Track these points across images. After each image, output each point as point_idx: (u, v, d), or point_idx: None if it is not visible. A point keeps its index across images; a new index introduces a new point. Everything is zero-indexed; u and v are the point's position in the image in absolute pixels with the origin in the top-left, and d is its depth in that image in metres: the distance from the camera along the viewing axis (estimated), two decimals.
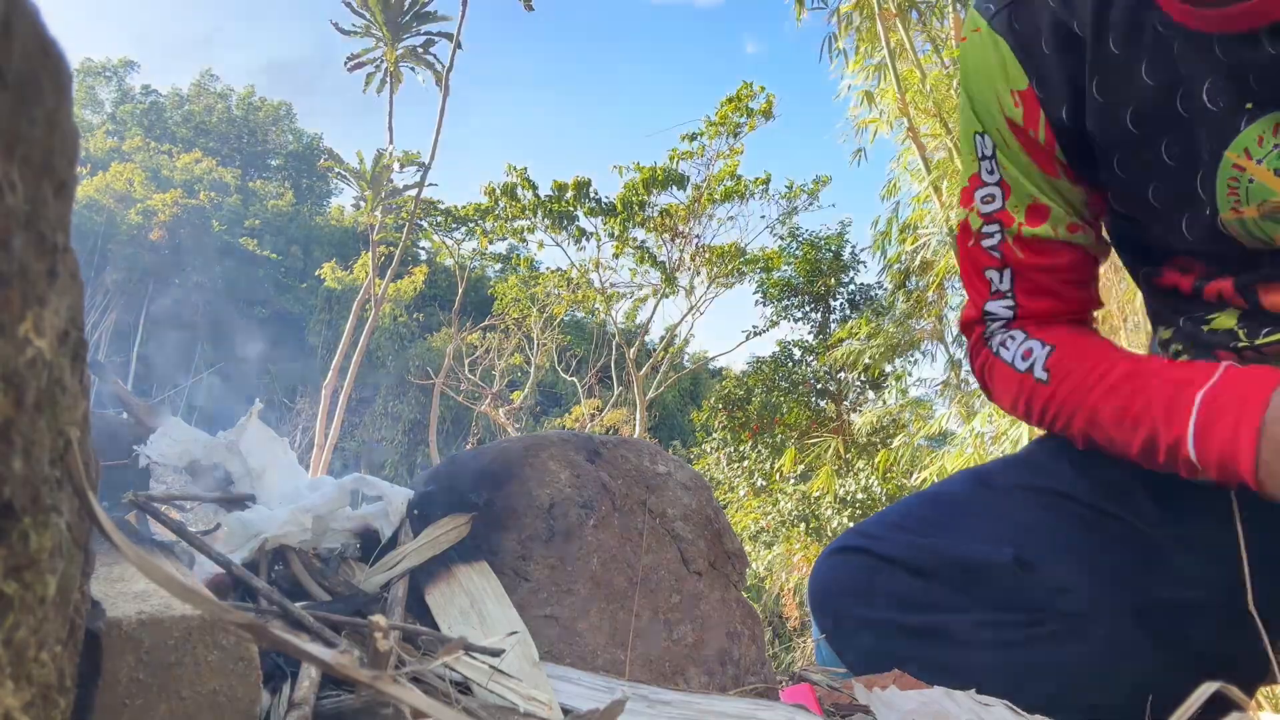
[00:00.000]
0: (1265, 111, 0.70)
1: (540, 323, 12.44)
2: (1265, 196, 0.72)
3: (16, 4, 0.24)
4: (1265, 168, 0.71)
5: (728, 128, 10.31)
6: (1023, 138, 0.86)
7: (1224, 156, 0.73)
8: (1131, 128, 0.78)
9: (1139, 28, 0.76)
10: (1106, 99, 0.79)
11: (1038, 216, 0.88)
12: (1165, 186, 0.78)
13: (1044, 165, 0.86)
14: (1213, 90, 0.72)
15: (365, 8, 5.24)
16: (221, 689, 0.38)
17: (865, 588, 0.94)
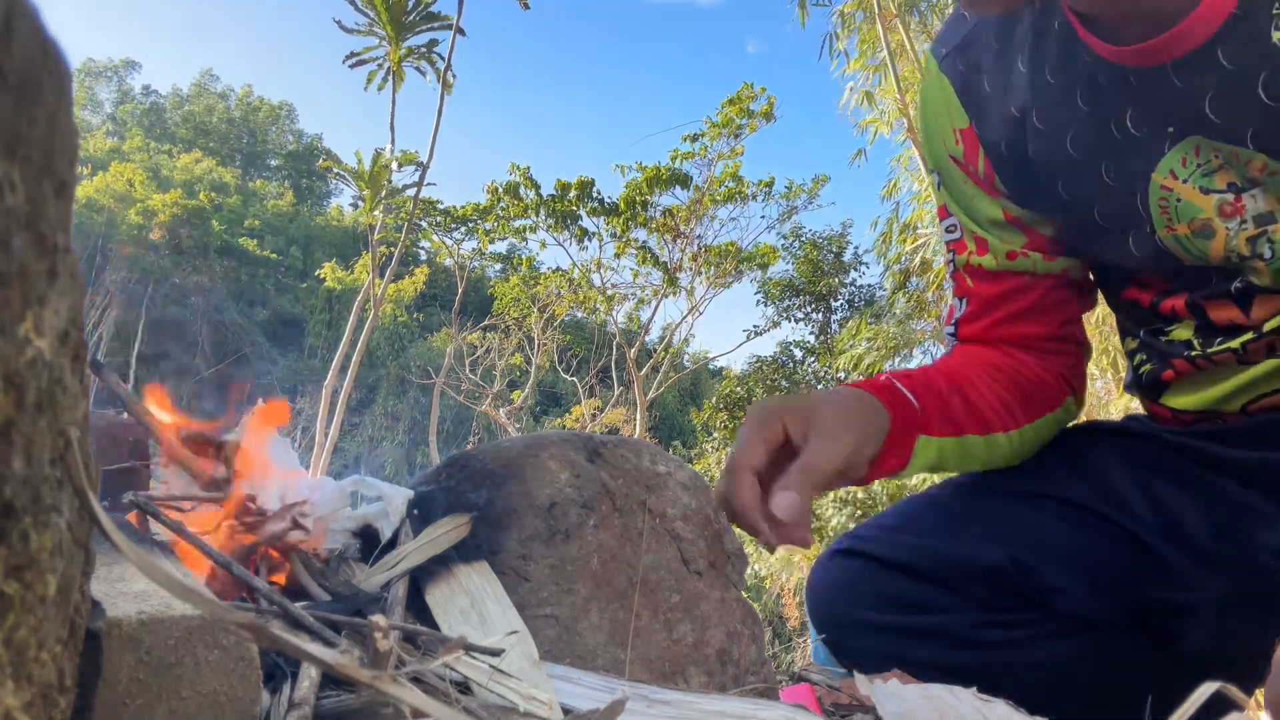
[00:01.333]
0: (1185, 135, 0.74)
1: (540, 323, 12.44)
2: (1193, 215, 0.76)
3: (16, 4, 0.24)
4: (1191, 186, 0.75)
5: (729, 129, 10.31)
6: (967, 172, 0.92)
7: (1151, 179, 0.77)
8: (1072, 151, 0.82)
9: (1072, 57, 0.79)
10: (1046, 126, 0.83)
11: (982, 247, 0.94)
12: (1108, 205, 0.81)
13: (988, 191, 0.91)
14: (1135, 118, 0.77)
15: (369, 6, 5.23)
16: (221, 689, 0.38)
17: (863, 590, 0.94)
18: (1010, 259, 0.92)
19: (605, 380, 14.13)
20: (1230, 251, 0.75)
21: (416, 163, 6.16)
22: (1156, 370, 0.90)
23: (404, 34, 5.35)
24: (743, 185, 10.66)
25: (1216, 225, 0.75)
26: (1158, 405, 0.93)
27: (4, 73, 0.23)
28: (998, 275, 0.94)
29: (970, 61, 0.88)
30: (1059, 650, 0.88)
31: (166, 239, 26.51)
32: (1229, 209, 0.74)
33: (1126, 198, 0.80)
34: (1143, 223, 0.80)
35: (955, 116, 0.90)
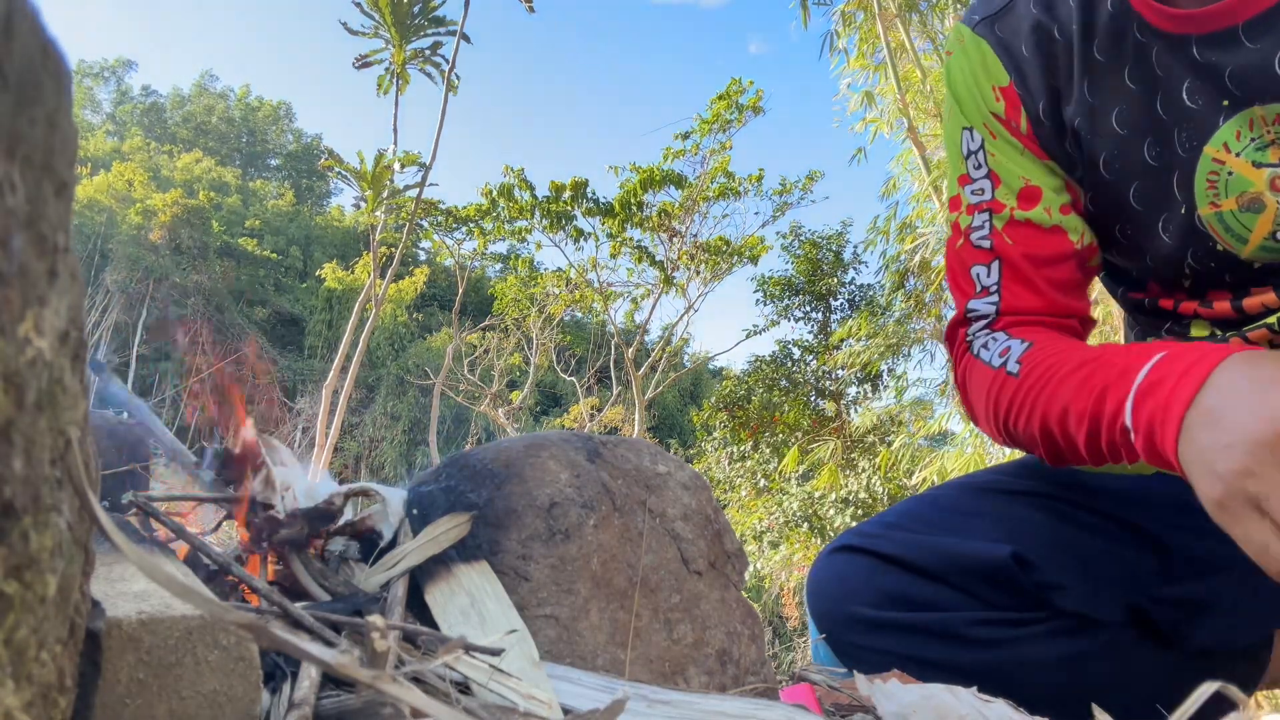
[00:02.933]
0: (1241, 108, 0.73)
1: (539, 323, 12.44)
2: (1243, 188, 0.75)
3: (16, 4, 0.24)
4: (1244, 160, 0.74)
5: (719, 125, 10.30)
6: (1009, 127, 0.89)
7: (1203, 152, 0.76)
8: (1118, 128, 0.81)
9: (1121, 34, 0.79)
10: (1096, 100, 0.82)
11: (1030, 199, 0.88)
12: (1145, 186, 0.80)
13: (1035, 150, 0.88)
14: (1191, 90, 0.76)
15: (375, 9, 5.22)
16: (221, 689, 0.38)
17: (864, 587, 0.94)
18: (1064, 213, 0.87)
19: (604, 380, 14.12)
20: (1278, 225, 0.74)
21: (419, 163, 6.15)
22: None
23: (408, 37, 5.35)
24: (734, 181, 10.65)
25: (1268, 199, 0.74)
26: None
27: (4, 73, 0.23)
28: (1047, 232, 0.87)
29: (1009, 28, 0.87)
30: (1061, 648, 0.88)
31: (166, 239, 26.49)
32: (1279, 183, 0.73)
33: (1165, 178, 0.79)
34: (1178, 205, 0.78)
35: (995, 74, 0.88)
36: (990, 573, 0.88)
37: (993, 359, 0.87)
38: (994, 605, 0.89)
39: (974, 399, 0.91)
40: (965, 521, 0.93)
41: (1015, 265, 0.88)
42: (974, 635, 0.88)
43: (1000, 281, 0.89)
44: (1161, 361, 0.67)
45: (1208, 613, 0.84)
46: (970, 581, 0.90)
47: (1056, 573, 0.87)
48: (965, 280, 0.93)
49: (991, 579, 0.89)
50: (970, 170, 0.91)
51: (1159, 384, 0.66)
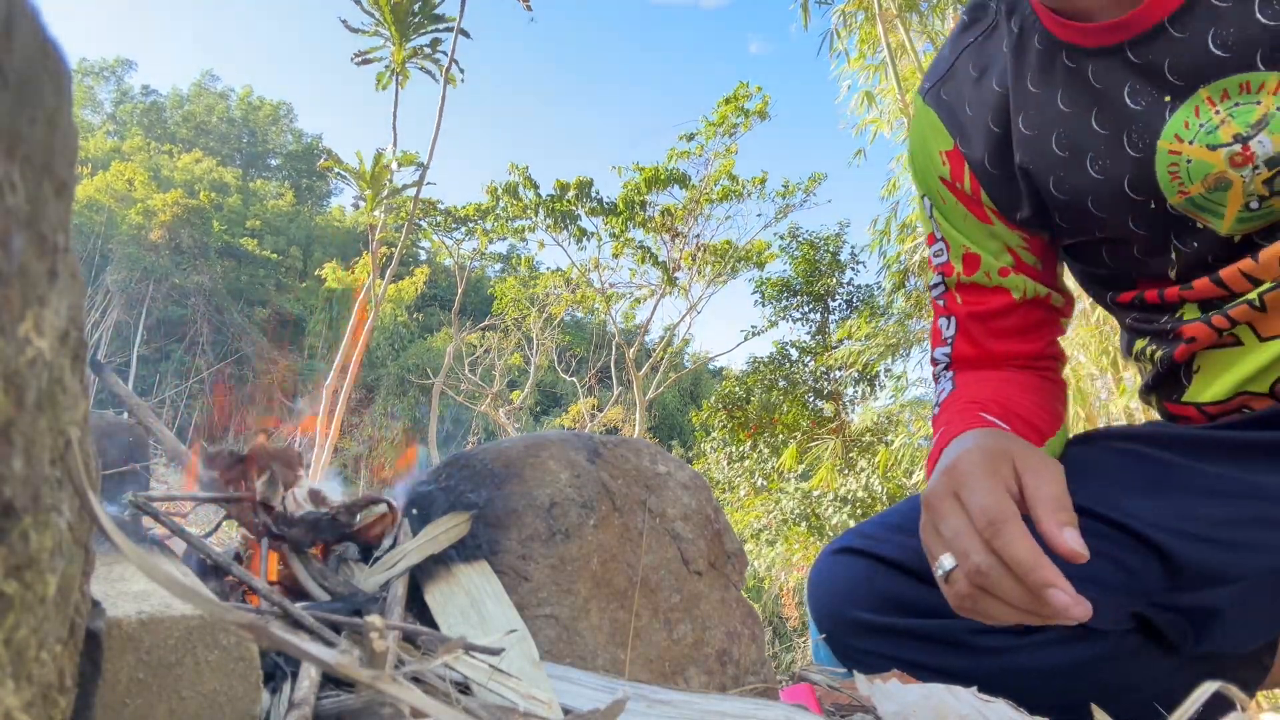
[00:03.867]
0: (1184, 97, 0.78)
1: (540, 323, 12.43)
2: (1206, 171, 0.79)
3: (16, 4, 0.24)
4: (1198, 146, 0.79)
5: (724, 128, 10.30)
6: (955, 191, 0.98)
7: (1158, 147, 0.81)
8: (1059, 151, 0.88)
9: (1050, 64, 0.86)
10: (1030, 131, 0.89)
11: (971, 265, 0.99)
12: (1100, 196, 0.86)
13: (977, 213, 0.98)
14: (1133, 92, 0.81)
15: (375, 6, 5.22)
16: (221, 689, 0.38)
17: (864, 590, 0.94)
18: (1002, 275, 0.98)
19: (605, 380, 14.12)
20: (1249, 196, 0.78)
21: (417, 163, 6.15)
22: (1169, 351, 0.91)
23: (408, 34, 5.35)
24: (738, 184, 10.66)
25: (1231, 176, 0.78)
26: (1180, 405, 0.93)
27: (4, 73, 0.23)
28: (989, 291, 0.99)
29: (952, 92, 0.97)
30: (1063, 656, 0.87)
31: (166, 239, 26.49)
32: (1239, 159, 0.77)
33: (1118, 183, 0.84)
34: (1142, 202, 0.84)
35: (941, 141, 0.98)
36: None
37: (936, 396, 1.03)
38: None
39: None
40: None
41: (963, 322, 1.02)
42: (975, 643, 0.88)
43: (954, 336, 1.03)
44: (938, 439, 0.88)
45: (1212, 620, 0.83)
46: None
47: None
48: (936, 328, 1.07)
49: None
50: (934, 231, 1.03)
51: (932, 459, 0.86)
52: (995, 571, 0.66)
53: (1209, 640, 0.84)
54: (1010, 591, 0.65)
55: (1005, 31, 0.91)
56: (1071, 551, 0.63)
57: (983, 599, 0.68)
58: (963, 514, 0.69)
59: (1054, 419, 0.96)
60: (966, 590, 0.69)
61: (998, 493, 0.68)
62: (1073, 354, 5.47)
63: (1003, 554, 0.65)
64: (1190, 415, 0.92)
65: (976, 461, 0.71)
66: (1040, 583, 0.63)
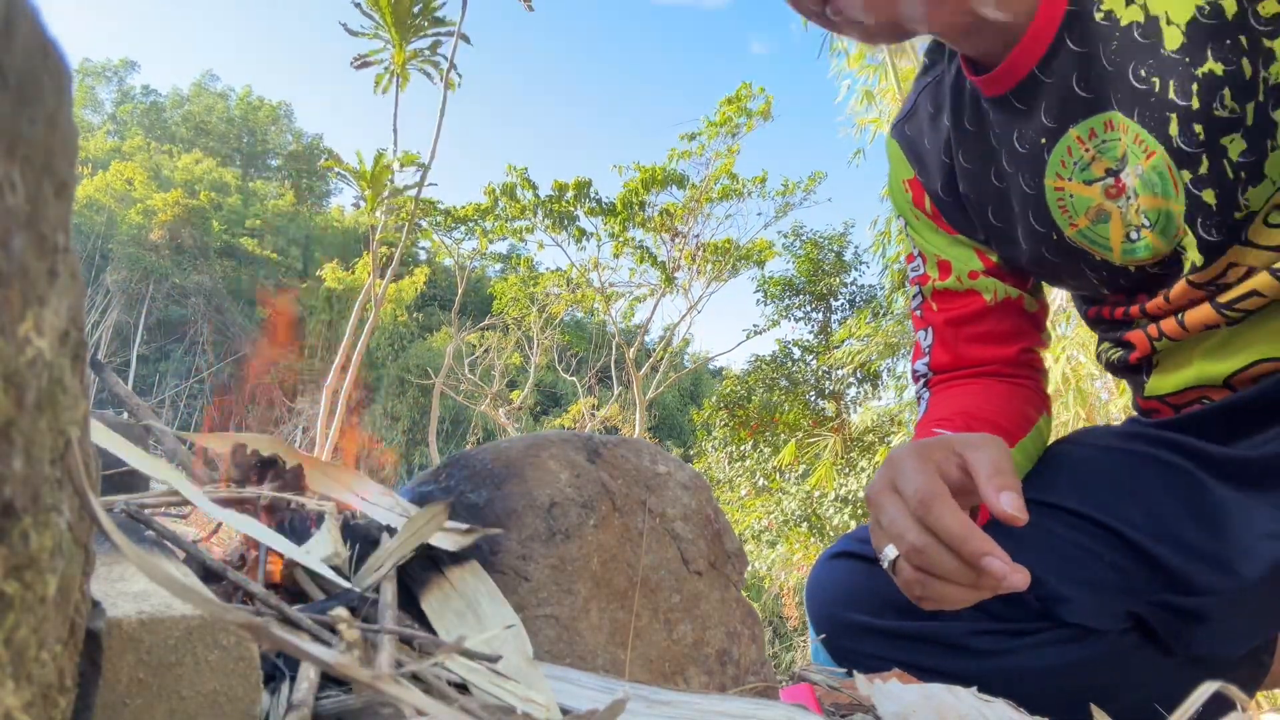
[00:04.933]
0: (1057, 138, 0.85)
1: (539, 322, 12.43)
2: (1087, 205, 0.86)
3: (16, 4, 0.24)
4: (1076, 182, 0.85)
5: (727, 128, 10.29)
6: (920, 211, 1.06)
7: (1045, 185, 0.88)
8: (995, 183, 0.94)
9: (977, 106, 0.93)
10: (971, 165, 0.96)
11: (944, 271, 1.05)
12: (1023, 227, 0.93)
13: (943, 227, 1.05)
14: (1020, 137, 0.88)
15: (375, 9, 5.23)
16: (221, 689, 0.38)
17: (863, 594, 0.94)
18: (972, 278, 1.03)
19: (605, 380, 14.12)
20: (1128, 227, 0.84)
21: (418, 163, 6.15)
22: (1124, 354, 0.97)
23: (408, 37, 5.35)
24: (738, 182, 10.65)
25: (1109, 207, 0.84)
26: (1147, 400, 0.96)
27: (4, 73, 0.23)
28: (961, 296, 1.04)
29: (914, 128, 1.05)
30: (1061, 657, 0.87)
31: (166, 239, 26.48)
32: (1113, 191, 0.83)
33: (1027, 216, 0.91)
34: (1047, 234, 0.90)
35: (904, 170, 1.07)
36: None
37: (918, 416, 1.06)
38: (994, 614, 0.89)
39: None
40: None
41: (939, 330, 1.06)
42: (975, 645, 0.88)
43: (931, 345, 1.07)
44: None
45: (1207, 621, 0.84)
46: None
47: (1057, 584, 0.87)
48: (916, 344, 1.11)
49: None
50: (912, 248, 1.10)
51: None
52: (931, 548, 0.66)
53: (1202, 641, 0.85)
54: (949, 567, 0.65)
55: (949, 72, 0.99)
56: (1008, 515, 0.63)
57: (929, 582, 0.68)
58: (899, 502, 0.70)
59: (1024, 421, 0.97)
60: (911, 575, 0.69)
61: (927, 473, 0.68)
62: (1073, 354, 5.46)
63: (935, 529, 0.65)
64: (1158, 408, 0.96)
65: (909, 452, 0.72)
66: (974, 553, 0.63)
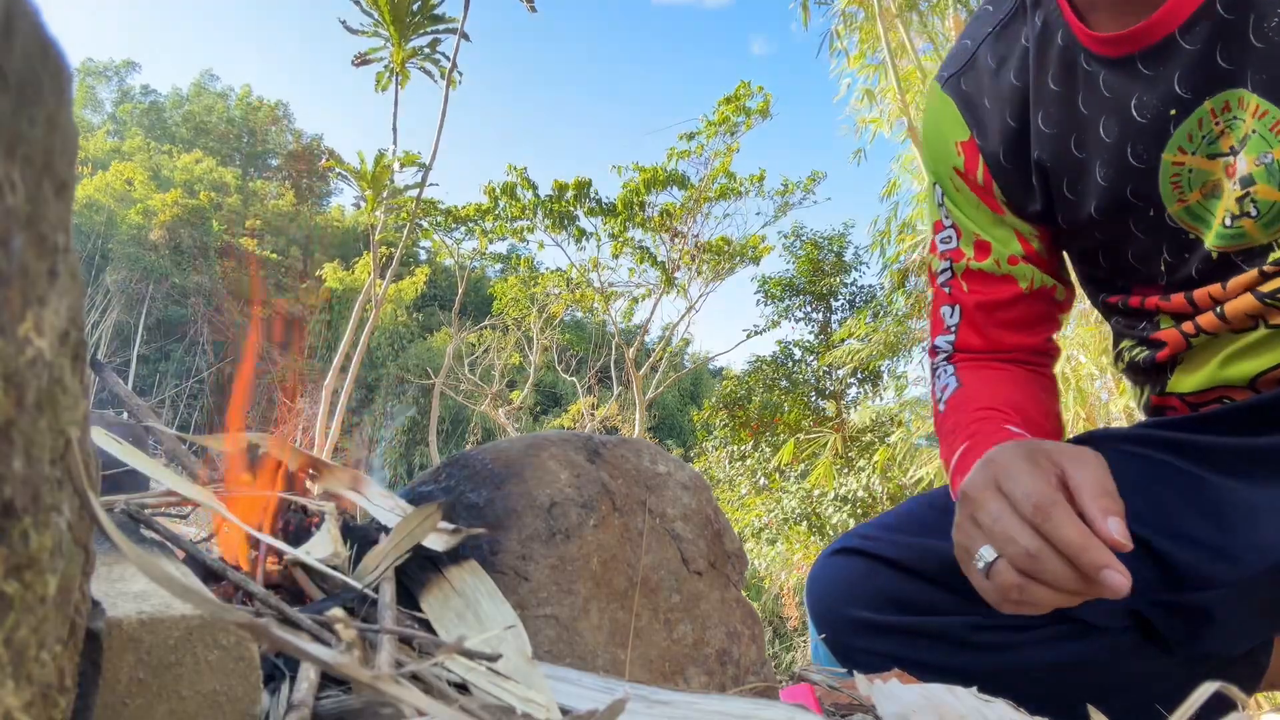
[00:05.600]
0: (1190, 110, 0.80)
1: (539, 322, 12.43)
2: (1204, 179, 0.82)
3: (17, 4, 0.24)
4: (1200, 156, 0.81)
5: (726, 128, 10.29)
6: (968, 181, 0.99)
7: (1162, 159, 0.83)
8: (1076, 152, 0.88)
9: (1071, 65, 0.87)
10: (1051, 130, 0.90)
11: (982, 252, 1.00)
12: (1104, 202, 0.88)
13: (989, 204, 0.99)
14: (1140, 105, 0.83)
15: (374, 7, 5.22)
16: (221, 689, 0.38)
17: (863, 590, 0.94)
18: (1011, 264, 0.98)
19: (605, 380, 14.12)
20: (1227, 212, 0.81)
21: (419, 163, 6.15)
22: (1150, 354, 0.94)
23: (408, 35, 5.35)
24: (736, 181, 10.64)
25: (1224, 185, 0.80)
26: (1164, 396, 0.95)
27: (4, 73, 0.23)
28: (998, 281, 0.99)
29: (972, 83, 0.97)
30: (1062, 653, 0.87)
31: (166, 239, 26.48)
32: (1230, 170, 0.80)
33: (1120, 191, 0.86)
34: (1143, 210, 0.85)
35: (957, 131, 0.98)
36: None
37: (937, 391, 1.03)
38: (994, 611, 0.89)
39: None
40: None
41: (969, 311, 1.02)
42: (975, 640, 0.88)
43: (958, 324, 1.03)
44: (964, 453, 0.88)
45: (1207, 621, 0.84)
46: (970, 586, 0.89)
47: None
48: (937, 316, 1.07)
49: None
50: (943, 218, 1.04)
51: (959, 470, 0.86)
52: (1045, 555, 0.65)
53: (1202, 640, 0.85)
54: (1060, 575, 0.65)
55: (1027, 22, 0.91)
56: (1115, 541, 0.63)
57: (1030, 587, 0.67)
58: (1005, 503, 0.69)
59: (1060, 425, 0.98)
60: (1013, 580, 0.68)
61: (1041, 478, 0.68)
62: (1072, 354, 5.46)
63: (1052, 537, 0.65)
64: (1174, 405, 0.95)
65: (1016, 454, 0.71)
66: (1094, 564, 0.63)
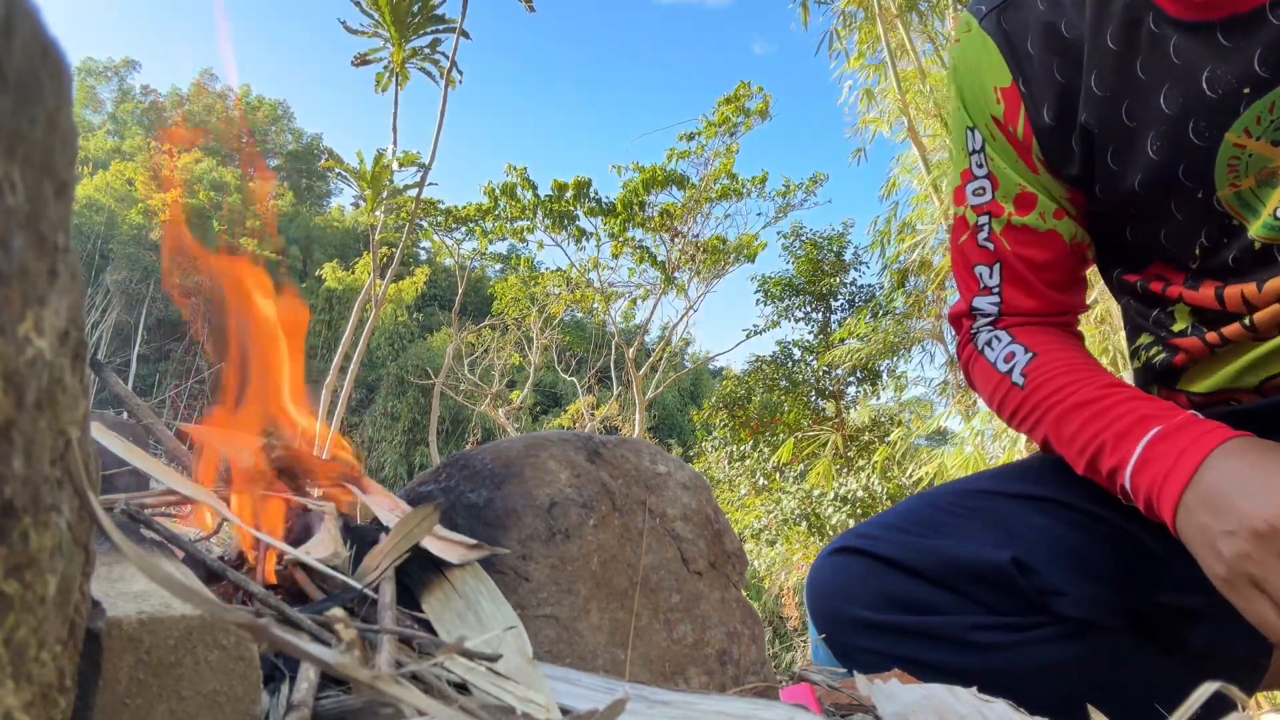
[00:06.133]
0: (1264, 92, 0.74)
1: (539, 322, 12.43)
2: (1262, 165, 0.76)
3: (17, 4, 0.24)
4: (1264, 142, 0.75)
5: (725, 128, 10.29)
6: (1006, 133, 0.90)
7: (1224, 140, 0.76)
8: (1126, 121, 0.81)
9: (1135, 25, 0.79)
10: (1104, 92, 0.82)
11: (1026, 205, 0.91)
12: (1151, 176, 0.81)
13: (1026, 160, 0.90)
14: (1211, 79, 0.75)
15: (374, 7, 5.23)
16: (221, 689, 0.38)
17: (863, 589, 0.94)
18: (1057, 218, 0.90)
19: (605, 380, 14.13)
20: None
21: (418, 163, 6.16)
22: (1168, 357, 0.90)
23: (407, 35, 5.35)
24: (737, 182, 10.65)
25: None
26: (1174, 392, 0.93)
27: (4, 73, 0.23)
28: (1042, 236, 0.91)
29: (1016, 21, 0.87)
30: (1061, 653, 0.87)
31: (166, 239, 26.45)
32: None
33: (1173, 168, 0.79)
34: (1191, 190, 0.79)
35: (998, 75, 0.88)
36: (990, 577, 0.88)
37: (998, 361, 0.93)
38: (993, 609, 0.89)
39: (980, 388, 0.99)
40: (965, 524, 0.93)
41: (1014, 269, 0.93)
42: (974, 640, 0.88)
43: (1001, 284, 0.94)
44: (1157, 438, 0.76)
45: (1205, 621, 0.84)
46: (970, 585, 0.89)
47: (1056, 579, 0.87)
48: (969, 276, 0.97)
49: (991, 583, 0.88)
50: (973, 167, 0.93)
51: (1156, 460, 0.75)
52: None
53: (1200, 640, 0.85)
54: None
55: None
56: None
57: None
58: None
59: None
60: None
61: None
62: None
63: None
64: (1180, 402, 0.93)
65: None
66: None
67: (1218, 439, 0.72)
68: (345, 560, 0.60)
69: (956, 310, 1.00)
